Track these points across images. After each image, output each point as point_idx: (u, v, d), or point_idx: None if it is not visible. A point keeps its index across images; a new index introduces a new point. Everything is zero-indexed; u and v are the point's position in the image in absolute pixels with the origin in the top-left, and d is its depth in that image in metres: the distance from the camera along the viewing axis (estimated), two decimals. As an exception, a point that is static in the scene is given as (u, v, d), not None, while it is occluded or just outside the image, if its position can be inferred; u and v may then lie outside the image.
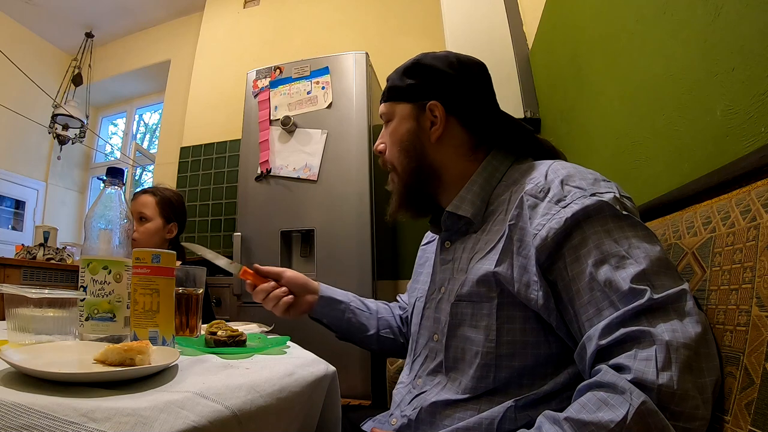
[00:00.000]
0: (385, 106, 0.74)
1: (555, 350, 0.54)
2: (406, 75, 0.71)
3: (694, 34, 0.68)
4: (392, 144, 0.72)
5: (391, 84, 0.73)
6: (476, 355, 0.57)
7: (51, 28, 3.62)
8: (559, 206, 0.52)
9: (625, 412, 0.38)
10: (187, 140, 3.23)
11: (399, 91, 0.72)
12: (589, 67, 1.20)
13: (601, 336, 0.44)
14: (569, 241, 0.50)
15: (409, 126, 0.70)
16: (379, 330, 0.88)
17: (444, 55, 0.71)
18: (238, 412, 0.41)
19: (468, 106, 0.69)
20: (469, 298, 0.60)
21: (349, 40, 2.96)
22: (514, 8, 1.98)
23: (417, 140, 0.69)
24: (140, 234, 1.38)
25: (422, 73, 0.70)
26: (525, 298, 0.54)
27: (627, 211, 0.50)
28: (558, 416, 0.42)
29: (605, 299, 0.46)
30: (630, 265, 0.46)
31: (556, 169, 0.57)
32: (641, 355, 0.41)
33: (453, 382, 0.60)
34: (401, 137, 0.71)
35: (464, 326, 0.60)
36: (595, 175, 0.56)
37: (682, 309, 0.43)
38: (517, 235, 0.56)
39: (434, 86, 0.69)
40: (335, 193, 2.02)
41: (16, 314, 0.59)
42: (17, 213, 3.53)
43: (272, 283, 0.82)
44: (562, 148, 0.76)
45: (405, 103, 0.71)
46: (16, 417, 0.32)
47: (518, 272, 0.54)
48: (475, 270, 0.59)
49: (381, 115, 0.75)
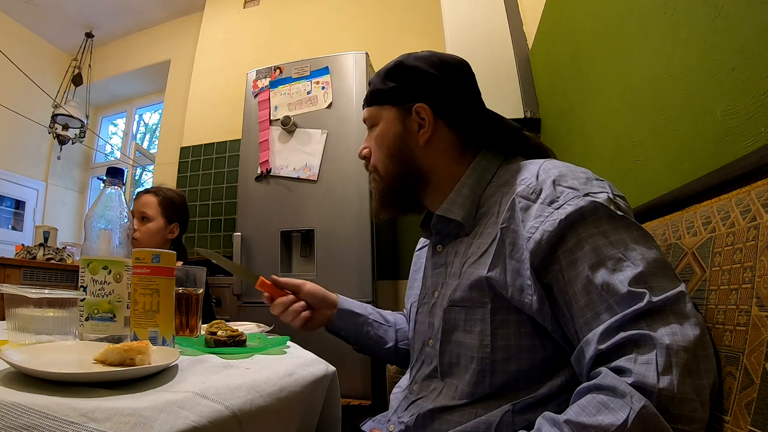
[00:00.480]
0: (369, 111, 0.72)
1: (550, 353, 0.54)
2: (388, 78, 0.69)
3: (694, 34, 0.68)
4: (378, 148, 0.70)
5: (373, 87, 0.71)
6: (471, 361, 0.57)
7: (51, 28, 3.62)
8: (552, 208, 0.51)
9: (625, 416, 0.38)
10: (187, 140, 3.23)
11: (382, 95, 0.70)
12: (589, 67, 1.20)
13: (600, 340, 0.44)
14: (564, 244, 0.50)
15: (396, 130, 0.68)
16: (397, 342, 0.85)
17: (427, 56, 0.69)
18: (238, 412, 0.41)
19: (455, 107, 0.68)
20: (462, 303, 0.59)
21: (349, 40, 2.96)
22: (514, 8, 1.98)
23: (404, 144, 0.68)
24: (142, 234, 1.38)
25: (406, 75, 0.68)
26: (519, 303, 0.53)
27: (621, 212, 0.50)
28: (558, 418, 0.42)
29: (603, 303, 0.46)
30: (627, 268, 0.45)
31: (548, 169, 0.56)
32: (641, 358, 0.41)
33: (449, 387, 0.60)
34: (388, 142, 0.69)
35: (458, 331, 0.59)
36: (587, 174, 0.55)
37: (681, 311, 0.42)
38: (509, 239, 0.55)
39: (419, 88, 0.67)
40: (335, 193, 2.02)
41: (16, 314, 0.59)
42: (17, 213, 3.53)
43: (291, 296, 0.80)
44: (562, 148, 0.76)
45: (390, 107, 0.69)
46: (16, 417, 0.32)
47: (511, 276, 0.54)
48: (468, 275, 0.58)
49: (364, 120, 0.73)
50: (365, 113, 0.73)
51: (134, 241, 1.36)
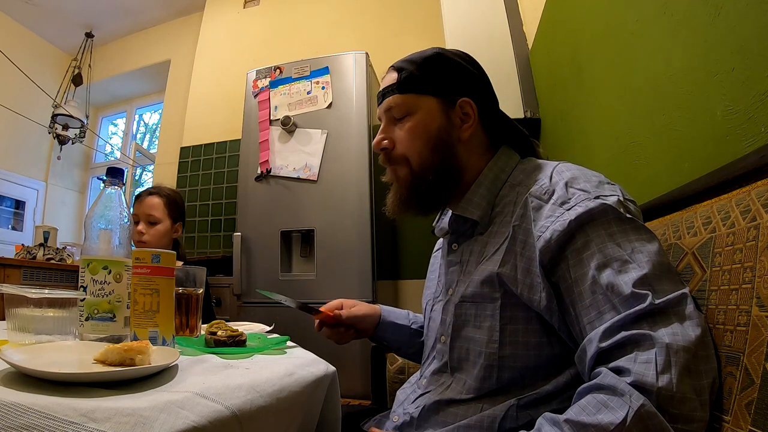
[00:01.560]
0: (402, 98, 0.66)
1: (557, 351, 0.54)
2: (427, 67, 0.66)
3: (694, 34, 0.68)
4: (415, 139, 0.65)
5: (406, 74, 0.66)
6: (480, 356, 0.57)
7: (51, 28, 3.62)
8: (564, 209, 0.52)
9: (624, 414, 0.38)
10: (187, 140, 3.24)
11: (421, 83, 0.66)
12: (589, 67, 1.20)
13: (601, 339, 0.45)
14: (572, 244, 0.51)
15: (441, 121, 0.65)
16: None
17: (460, 53, 0.69)
18: (238, 412, 0.41)
19: (490, 106, 0.68)
20: (473, 299, 0.60)
21: (349, 40, 2.96)
22: (514, 8, 1.98)
23: (448, 137, 0.65)
24: (151, 237, 1.37)
25: (448, 67, 0.66)
26: (528, 300, 0.54)
27: (630, 214, 0.51)
28: (558, 418, 0.43)
29: (607, 302, 0.46)
30: (632, 269, 0.46)
31: (561, 171, 0.58)
32: (641, 357, 0.41)
33: (458, 382, 0.60)
34: (430, 132, 0.65)
35: (468, 327, 0.60)
36: (599, 178, 0.56)
37: (683, 313, 0.43)
38: (521, 237, 0.56)
39: (462, 82, 0.67)
40: (335, 193, 2.02)
41: (16, 314, 0.59)
42: (17, 213, 3.53)
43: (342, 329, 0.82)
44: (562, 148, 0.76)
45: (431, 97, 0.66)
46: (16, 417, 0.32)
47: (522, 273, 0.55)
48: (480, 271, 0.59)
49: (389, 109, 0.68)
50: (394, 100, 0.67)
51: (142, 244, 1.35)
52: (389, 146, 0.68)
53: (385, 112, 0.69)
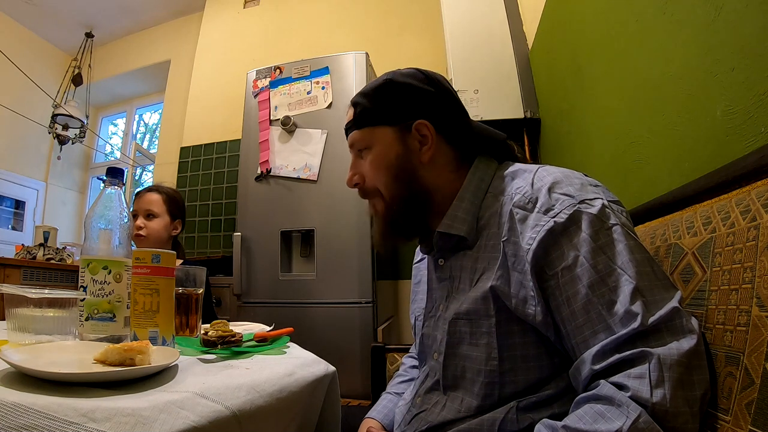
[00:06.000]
0: (358, 134, 0.67)
1: (557, 360, 0.54)
2: (378, 96, 0.66)
3: (694, 34, 0.68)
4: (377, 172, 0.66)
5: (360, 109, 0.67)
6: (479, 374, 0.56)
7: (51, 28, 3.62)
8: (548, 216, 0.51)
9: (621, 425, 0.39)
10: (187, 140, 3.24)
11: (374, 115, 0.66)
12: (589, 67, 1.20)
13: (594, 361, 0.45)
14: (562, 258, 0.50)
15: (396, 150, 0.65)
16: None
17: (413, 72, 0.67)
18: (238, 412, 0.41)
19: (451, 121, 0.67)
20: (467, 315, 0.58)
21: (349, 40, 2.96)
22: (514, 8, 1.98)
23: (408, 164, 0.65)
24: (149, 230, 1.38)
25: (399, 93, 0.66)
26: (522, 314, 0.53)
27: (616, 219, 0.50)
28: (555, 425, 0.43)
29: (601, 322, 0.46)
30: (624, 284, 0.46)
31: (542, 177, 0.56)
32: (635, 372, 0.41)
33: (453, 401, 0.59)
34: (389, 163, 0.65)
35: (464, 344, 0.59)
36: (582, 179, 0.55)
37: (675, 327, 0.43)
38: (510, 251, 0.55)
39: (416, 104, 0.65)
40: (335, 193, 2.02)
41: (16, 314, 0.59)
42: (17, 213, 3.53)
43: None
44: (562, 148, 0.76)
45: (385, 127, 0.66)
46: (16, 417, 0.32)
47: (515, 287, 0.54)
48: (474, 289, 0.58)
49: (352, 145, 0.69)
50: (353, 137, 0.68)
51: (141, 237, 1.36)
52: (360, 181, 0.69)
53: (350, 148, 0.70)
